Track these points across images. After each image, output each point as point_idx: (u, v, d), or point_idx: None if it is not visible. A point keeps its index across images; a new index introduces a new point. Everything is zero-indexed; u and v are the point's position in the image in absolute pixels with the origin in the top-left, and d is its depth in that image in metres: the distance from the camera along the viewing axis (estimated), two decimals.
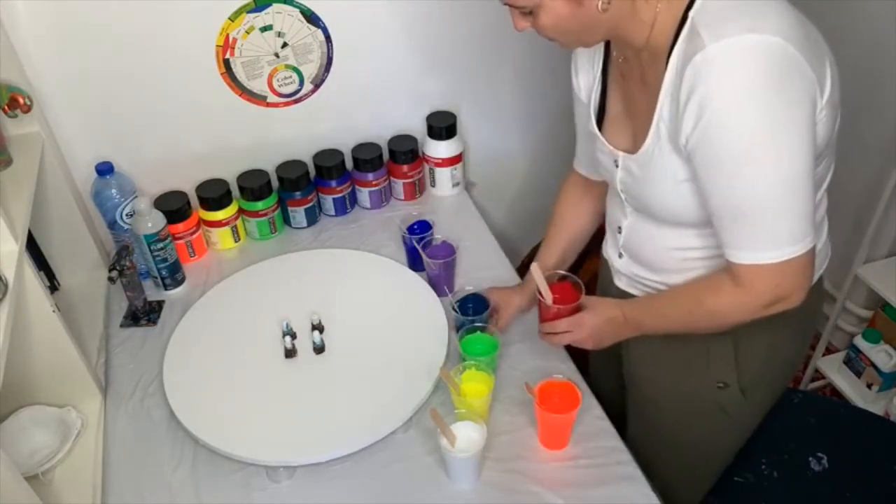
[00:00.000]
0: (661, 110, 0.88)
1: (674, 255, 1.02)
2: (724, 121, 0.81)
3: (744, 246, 0.88)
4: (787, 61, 0.78)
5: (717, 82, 0.79)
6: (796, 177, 0.83)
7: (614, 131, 1.02)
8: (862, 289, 1.85)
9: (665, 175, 0.92)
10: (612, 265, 1.15)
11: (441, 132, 1.58)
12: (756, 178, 0.83)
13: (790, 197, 0.84)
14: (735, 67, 0.78)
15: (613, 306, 1.07)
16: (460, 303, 1.23)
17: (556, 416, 1.04)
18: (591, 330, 1.07)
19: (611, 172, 1.04)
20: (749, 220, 0.86)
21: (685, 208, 0.94)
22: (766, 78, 0.78)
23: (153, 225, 1.33)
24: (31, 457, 1.09)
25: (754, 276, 0.88)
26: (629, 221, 1.07)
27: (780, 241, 0.86)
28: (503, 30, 1.60)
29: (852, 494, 1.18)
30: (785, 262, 0.86)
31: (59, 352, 1.13)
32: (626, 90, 0.99)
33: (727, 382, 1.06)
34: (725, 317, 0.96)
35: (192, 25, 1.34)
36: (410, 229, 1.39)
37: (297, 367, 1.22)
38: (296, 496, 1.04)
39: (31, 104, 1.21)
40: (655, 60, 0.89)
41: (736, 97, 0.79)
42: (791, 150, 0.81)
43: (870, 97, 1.73)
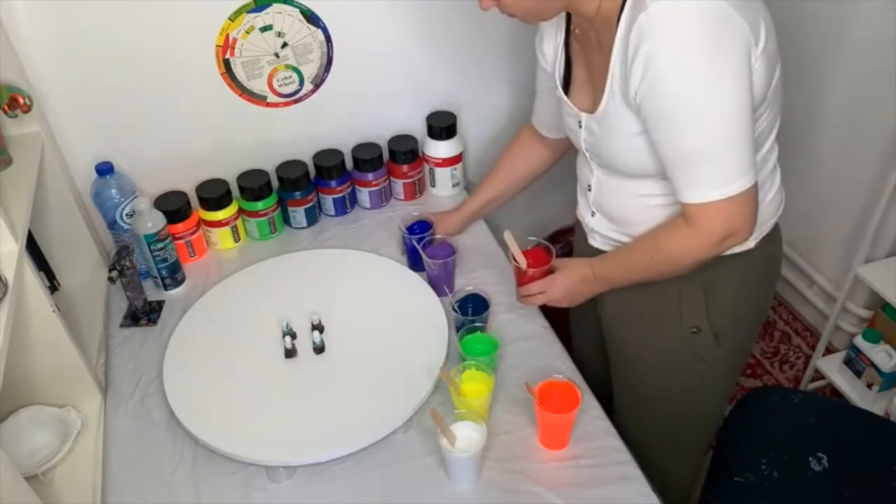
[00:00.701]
0: (614, 69, 0.96)
1: (639, 204, 1.09)
2: (667, 74, 0.88)
3: (692, 187, 0.96)
4: (721, 16, 0.86)
5: (658, 39, 0.87)
6: (734, 119, 0.90)
7: (579, 96, 1.09)
8: (862, 289, 1.85)
9: (621, 130, 1.00)
10: (586, 224, 1.22)
11: (441, 132, 1.58)
12: (698, 124, 0.91)
13: (730, 138, 0.91)
14: (674, 24, 0.87)
15: (584, 264, 1.16)
16: (460, 303, 1.23)
17: (556, 416, 1.04)
18: (563, 289, 1.17)
19: (576, 133, 1.11)
20: (695, 162, 0.94)
21: (642, 159, 1.01)
22: (701, 32, 0.86)
23: (153, 225, 1.33)
24: (31, 457, 1.09)
25: (704, 214, 0.96)
26: (596, 178, 1.14)
27: (725, 178, 0.93)
28: (503, 30, 1.61)
29: (852, 494, 1.18)
30: (731, 198, 0.94)
31: (59, 352, 1.13)
32: (587, 57, 1.06)
33: (699, 327, 1.12)
34: (683, 256, 1.02)
35: (192, 25, 1.34)
36: (410, 229, 1.39)
37: (297, 367, 1.22)
38: (296, 496, 1.04)
39: (31, 104, 1.21)
40: (607, 26, 0.96)
41: (675, 52, 0.87)
42: (728, 95, 0.89)
43: (870, 97, 1.73)
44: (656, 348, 1.19)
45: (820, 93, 1.86)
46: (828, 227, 1.98)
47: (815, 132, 1.92)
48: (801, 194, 2.01)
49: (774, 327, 2.18)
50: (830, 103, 1.85)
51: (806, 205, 2.01)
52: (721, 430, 1.34)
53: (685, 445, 1.31)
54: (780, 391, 1.36)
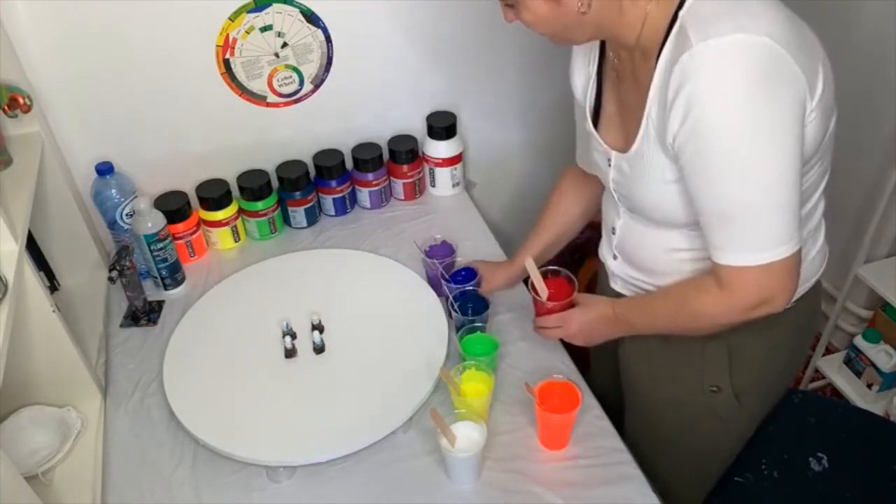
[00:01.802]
0: (650, 109, 0.89)
1: (665, 255, 1.03)
2: (710, 120, 0.80)
3: (727, 247, 0.88)
4: (774, 61, 0.78)
5: (703, 81, 0.79)
6: (781, 179, 0.82)
7: (609, 130, 1.02)
8: (862, 289, 1.85)
9: (654, 175, 0.93)
10: (608, 267, 1.16)
11: (441, 132, 1.58)
12: (740, 178, 0.83)
13: (775, 199, 0.83)
14: (722, 66, 0.78)
15: (605, 304, 1.09)
16: (460, 303, 1.23)
17: (556, 416, 1.04)
18: (580, 326, 1.10)
19: (604, 172, 1.04)
20: (732, 220, 0.86)
21: (674, 208, 0.94)
22: (752, 77, 0.78)
23: (153, 225, 1.33)
24: (31, 457, 1.09)
25: (737, 278, 0.88)
26: (622, 222, 1.07)
27: (764, 243, 0.86)
28: (503, 30, 1.60)
29: (852, 494, 1.18)
30: (768, 265, 0.86)
31: (59, 352, 1.13)
32: (620, 90, 0.99)
33: (720, 386, 1.06)
34: (710, 318, 0.95)
35: (192, 25, 1.34)
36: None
37: (297, 367, 1.22)
38: (296, 496, 1.04)
39: (31, 104, 1.21)
40: (646, 60, 0.89)
41: (722, 96, 0.79)
42: (777, 151, 0.81)
43: (870, 97, 1.73)
44: (673, 398, 1.13)
45: None
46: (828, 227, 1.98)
47: None
48: None
49: None
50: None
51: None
52: None
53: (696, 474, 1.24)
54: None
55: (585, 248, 1.73)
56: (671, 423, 1.16)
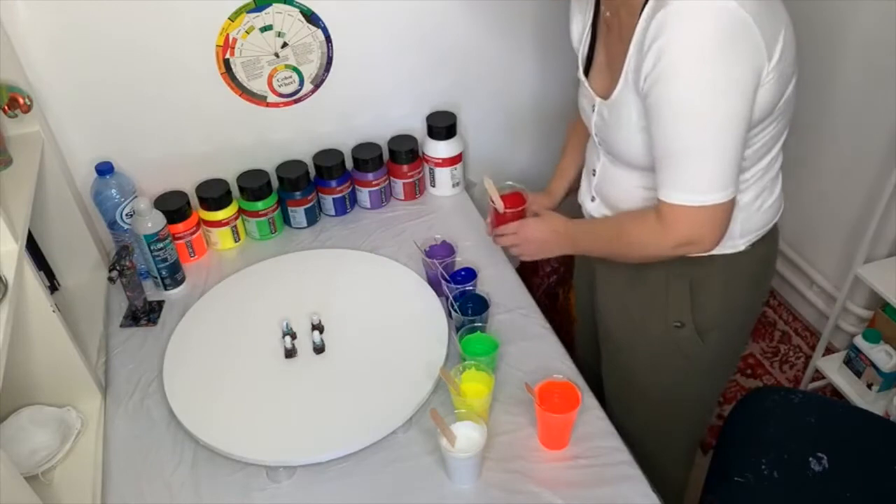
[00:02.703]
0: (630, 59, 0.96)
1: (639, 193, 1.09)
2: (674, 70, 0.89)
3: (669, 185, 0.96)
4: (738, 27, 0.86)
5: (675, 35, 0.87)
6: (725, 131, 0.91)
7: (597, 78, 1.10)
8: (862, 289, 1.85)
9: (630, 120, 1.01)
10: (585, 209, 1.23)
11: (441, 132, 1.58)
12: (689, 123, 0.91)
13: (717, 147, 0.92)
14: (691, 24, 0.87)
15: (559, 220, 1.19)
16: (460, 303, 1.23)
17: (556, 416, 1.04)
18: (533, 234, 1.21)
19: (588, 116, 1.13)
20: (677, 161, 0.94)
21: (646, 151, 1.01)
22: (717, 39, 0.86)
23: (153, 225, 1.33)
24: (31, 457, 1.09)
25: (672, 215, 0.97)
26: (601, 165, 1.15)
27: (701, 186, 0.94)
28: (504, 30, 1.61)
29: (852, 494, 1.18)
30: (701, 207, 0.95)
31: (59, 352, 1.13)
32: (609, 41, 1.07)
33: (683, 322, 1.13)
34: (641, 247, 1.05)
35: (192, 25, 1.34)
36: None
37: (297, 367, 1.22)
38: (296, 496, 1.04)
39: (31, 104, 1.21)
40: (631, 15, 0.96)
41: (688, 50, 0.88)
42: (726, 106, 0.89)
43: (870, 97, 1.73)
44: (643, 340, 1.21)
45: (820, 93, 1.86)
46: (828, 227, 1.98)
47: (816, 132, 1.92)
48: (801, 194, 2.01)
49: (774, 327, 2.18)
50: (830, 103, 1.85)
51: (806, 205, 2.01)
52: (721, 429, 1.34)
53: (674, 439, 1.33)
54: (780, 391, 1.36)
55: None
56: (641, 363, 1.23)
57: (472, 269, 1.30)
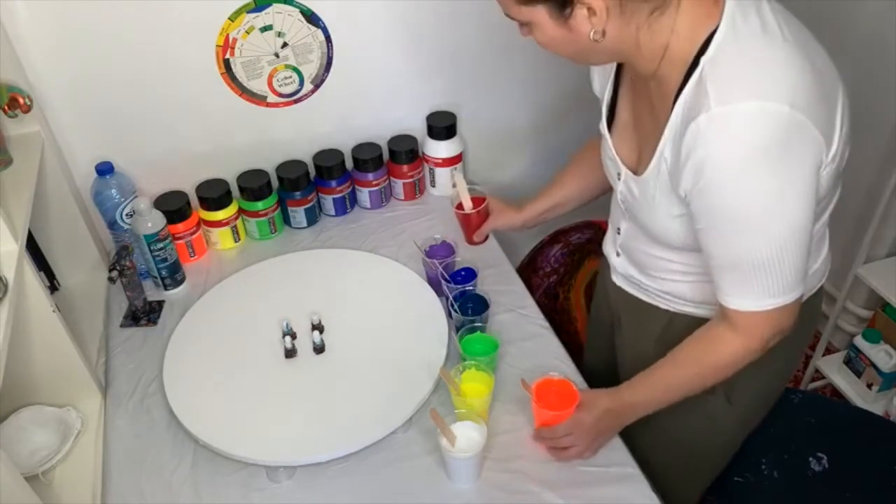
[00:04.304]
0: (664, 149, 0.88)
1: (665, 265, 1.04)
2: (723, 188, 0.81)
3: (739, 294, 0.89)
4: (792, 129, 0.77)
5: (717, 148, 0.79)
6: (792, 238, 0.84)
7: (622, 139, 1.02)
8: (862, 289, 1.85)
9: (660, 207, 0.94)
10: (610, 262, 1.17)
11: (441, 132, 1.58)
12: (754, 238, 0.84)
13: (786, 258, 0.85)
14: (736, 136, 0.78)
15: (604, 397, 1.05)
16: (460, 303, 1.23)
17: (552, 413, 1.04)
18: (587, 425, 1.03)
19: (613, 181, 1.05)
20: (745, 273, 0.87)
21: (675, 237, 0.96)
22: (767, 148, 0.77)
23: (153, 225, 1.33)
24: (31, 457, 1.09)
25: (751, 321, 0.91)
26: (626, 226, 1.09)
27: (777, 291, 0.87)
28: (504, 30, 1.60)
29: (852, 494, 1.18)
30: (784, 307, 0.89)
31: (59, 352, 1.13)
32: (636, 104, 0.99)
33: (714, 389, 1.05)
34: (733, 365, 0.96)
35: (192, 26, 1.34)
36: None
37: (297, 367, 1.22)
38: (296, 496, 1.04)
39: (31, 104, 1.21)
40: (663, 95, 0.88)
41: (735, 166, 0.79)
42: (791, 213, 0.82)
43: (870, 97, 1.73)
44: None
45: None
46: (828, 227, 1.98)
47: None
48: None
49: None
50: None
51: None
52: None
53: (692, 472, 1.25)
54: None
55: (585, 248, 1.73)
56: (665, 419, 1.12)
57: (472, 269, 1.30)
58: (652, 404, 1.04)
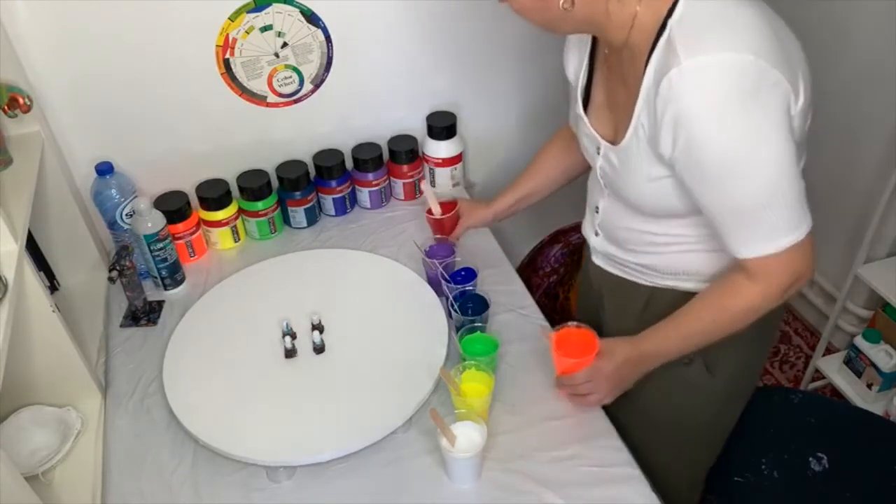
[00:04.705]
0: (640, 114, 0.92)
1: (645, 237, 1.07)
2: (704, 140, 0.84)
3: (748, 242, 0.91)
4: (760, 76, 0.81)
5: (691, 100, 0.82)
6: (783, 172, 0.86)
7: (598, 118, 1.05)
8: (862, 289, 1.85)
9: (641, 171, 0.97)
10: (590, 243, 1.21)
11: (441, 132, 1.58)
12: (745, 185, 0.87)
13: (781, 191, 0.87)
14: (708, 86, 0.81)
15: (624, 345, 1.06)
16: (460, 303, 1.23)
17: (573, 361, 1.05)
18: (606, 372, 1.06)
19: (592, 157, 1.08)
20: (747, 218, 0.90)
21: (657, 201, 0.99)
22: (740, 94, 0.81)
23: (153, 225, 1.33)
24: (31, 457, 1.09)
25: (767, 267, 0.92)
26: (605, 203, 1.12)
27: (782, 230, 0.90)
28: (504, 29, 1.61)
29: (852, 494, 1.18)
30: (792, 247, 0.90)
31: (59, 352, 1.13)
32: (610, 82, 1.02)
33: (691, 358, 1.10)
34: (754, 312, 0.98)
35: (191, 25, 1.34)
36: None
37: (297, 367, 1.22)
38: (296, 496, 1.04)
39: (31, 104, 1.21)
40: (635, 62, 0.91)
41: (712, 115, 0.83)
42: (774, 151, 0.85)
43: (870, 97, 1.73)
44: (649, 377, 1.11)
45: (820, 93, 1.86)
46: (828, 227, 1.98)
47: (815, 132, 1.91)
48: None
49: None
50: (830, 104, 1.85)
51: None
52: None
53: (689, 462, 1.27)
54: (780, 391, 1.36)
55: None
56: (652, 396, 1.17)
57: (472, 269, 1.30)
58: (671, 353, 1.05)
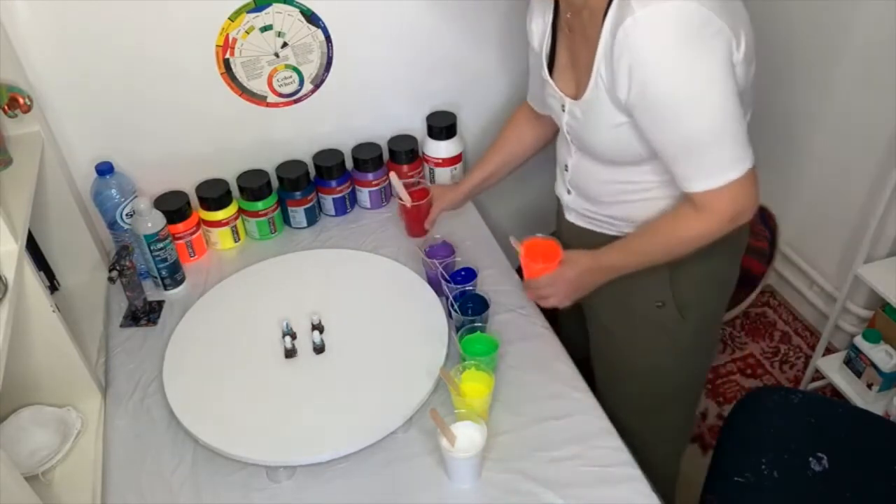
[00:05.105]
0: (599, 66, 1.00)
1: (614, 187, 1.15)
2: (656, 80, 0.93)
3: (694, 176, 1.01)
4: (702, 19, 0.90)
5: (644, 45, 0.92)
6: (726, 111, 0.95)
7: (562, 78, 1.13)
8: (862, 289, 1.85)
9: (603, 119, 1.05)
10: (563, 201, 1.29)
11: (441, 132, 1.58)
12: (692, 123, 0.97)
13: (725, 129, 0.97)
14: (659, 32, 0.91)
15: (584, 256, 1.18)
16: (460, 303, 1.23)
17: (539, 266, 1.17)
18: (566, 278, 1.18)
19: (558, 115, 1.16)
20: (695, 153, 0.99)
21: (621, 147, 1.07)
22: (687, 39, 0.91)
23: (153, 225, 1.33)
24: (31, 457, 1.09)
25: (709, 201, 1.01)
26: (574, 160, 1.19)
27: (725, 165, 0.99)
28: (504, 29, 1.61)
29: (852, 494, 1.18)
30: (733, 182, 0.99)
31: (59, 352, 1.13)
32: (572, 43, 1.09)
33: (664, 301, 1.19)
34: (697, 240, 1.07)
35: (191, 26, 1.34)
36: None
37: (297, 367, 1.22)
38: (296, 496, 1.04)
39: (31, 104, 1.21)
40: (594, 19, 1.00)
41: (662, 58, 0.92)
42: (717, 89, 0.94)
43: (869, 98, 1.73)
44: (627, 320, 1.25)
45: (820, 93, 1.86)
46: (828, 227, 1.98)
47: (816, 132, 1.92)
48: (801, 195, 2.01)
49: (774, 327, 2.18)
50: (830, 104, 1.85)
51: (806, 205, 2.01)
52: (721, 429, 1.34)
53: (665, 424, 1.37)
54: (780, 391, 1.36)
55: None
56: (627, 342, 1.28)
57: (472, 269, 1.31)
58: (624, 268, 1.16)
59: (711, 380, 2.03)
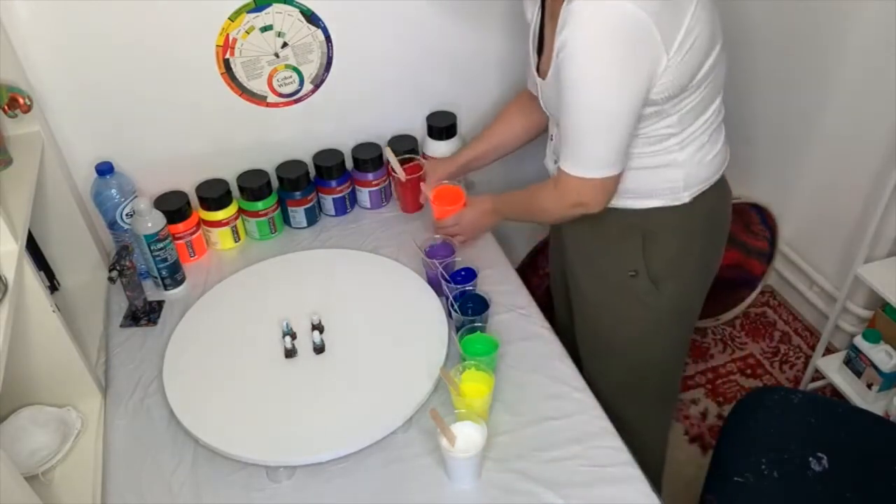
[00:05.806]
0: (557, 44, 1.05)
1: None
2: (572, 61, 1.00)
3: (567, 157, 1.10)
4: (632, 25, 0.95)
5: (575, 30, 0.98)
6: (619, 119, 1.03)
7: (545, 60, 1.18)
8: (862, 289, 1.85)
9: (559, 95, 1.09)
10: (549, 172, 1.34)
11: (441, 132, 1.58)
12: (578, 109, 1.04)
13: (600, 133, 1.05)
14: (589, 23, 0.96)
15: (485, 200, 1.36)
16: (460, 303, 1.23)
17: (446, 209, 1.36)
18: (469, 219, 1.38)
19: (538, 93, 1.24)
20: (573, 138, 1.08)
21: None
22: (608, 38, 0.97)
23: (153, 225, 1.33)
24: (31, 457, 1.09)
25: (566, 183, 1.12)
26: (555, 132, 1.24)
27: (590, 163, 1.08)
28: (503, 29, 1.61)
29: (852, 494, 1.18)
30: (588, 179, 1.09)
31: (59, 352, 1.13)
32: (549, 26, 1.15)
33: (637, 270, 1.24)
34: (546, 211, 1.22)
35: (191, 26, 1.34)
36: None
37: (297, 367, 1.22)
38: (296, 496, 1.04)
39: (31, 104, 1.21)
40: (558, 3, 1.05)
41: (584, 45, 0.98)
42: (619, 97, 1.01)
43: (869, 98, 1.73)
44: (604, 289, 1.31)
45: (820, 93, 1.86)
46: (828, 227, 1.98)
47: (816, 132, 1.92)
48: (801, 194, 2.01)
49: (774, 327, 2.18)
50: (831, 104, 1.85)
51: (806, 205, 2.01)
52: (721, 429, 1.34)
53: (647, 395, 1.41)
54: (780, 391, 1.36)
55: None
56: (606, 312, 1.34)
57: (472, 269, 1.31)
58: (511, 216, 1.35)
59: (711, 380, 2.03)
